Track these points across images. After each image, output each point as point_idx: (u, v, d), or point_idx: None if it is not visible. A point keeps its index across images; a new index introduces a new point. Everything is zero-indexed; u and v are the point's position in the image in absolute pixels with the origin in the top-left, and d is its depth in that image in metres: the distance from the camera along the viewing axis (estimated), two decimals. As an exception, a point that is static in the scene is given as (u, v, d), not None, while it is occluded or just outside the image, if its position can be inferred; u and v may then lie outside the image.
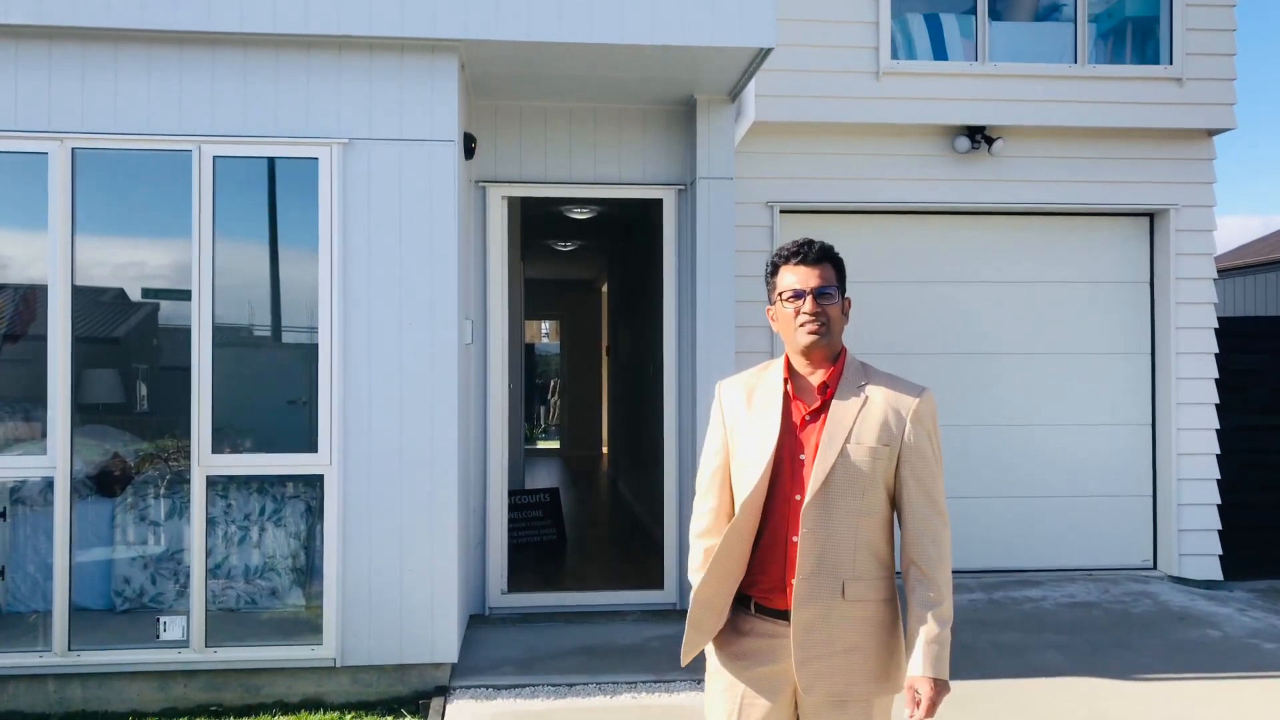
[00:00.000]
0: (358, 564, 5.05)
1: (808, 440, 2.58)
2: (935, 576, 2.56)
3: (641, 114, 6.34)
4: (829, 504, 2.52)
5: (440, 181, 5.13)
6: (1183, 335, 7.55)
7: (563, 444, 17.40)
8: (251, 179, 5.17)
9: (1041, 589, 7.13)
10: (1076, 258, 7.77)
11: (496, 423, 6.32)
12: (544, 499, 8.41)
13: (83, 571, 5.09)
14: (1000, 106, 7.30)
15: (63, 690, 4.98)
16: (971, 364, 7.68)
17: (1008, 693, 5.07)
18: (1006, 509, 7.64)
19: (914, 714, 2.52)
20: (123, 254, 5.24)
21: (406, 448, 5.08)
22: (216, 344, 5.01)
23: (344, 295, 5.06)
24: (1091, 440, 7.72)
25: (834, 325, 2.61)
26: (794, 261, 2.63)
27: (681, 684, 5.02)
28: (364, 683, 5.11)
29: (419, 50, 5.11)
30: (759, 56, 5.41)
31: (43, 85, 4.94)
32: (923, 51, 7.40)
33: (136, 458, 5.28)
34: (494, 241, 6.32)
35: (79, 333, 5.01)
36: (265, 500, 5.28)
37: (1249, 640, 5.97)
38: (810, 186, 7.39)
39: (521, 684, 5.08)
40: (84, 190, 4.98)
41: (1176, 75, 7.38)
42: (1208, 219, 7.59)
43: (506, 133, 6.30)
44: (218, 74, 5.02)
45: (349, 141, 5.07)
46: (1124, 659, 5.60)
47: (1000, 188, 7.51)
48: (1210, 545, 7.48)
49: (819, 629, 2.52)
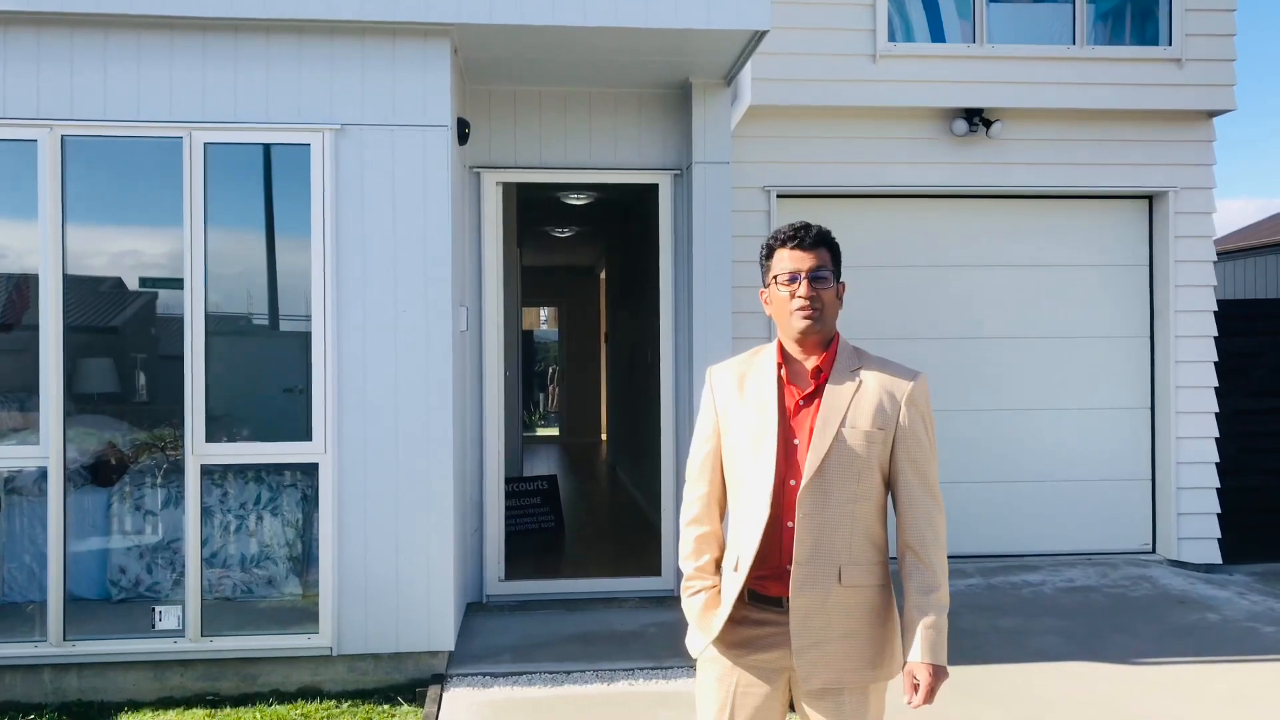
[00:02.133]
0: (354, 552, 5.03)
1: (801, 425, 2.55)
2: (931, 561, 2.54)
3: (637, 98, 6.29)
4: (824, 489, 2.50)
5: (434, 167, 5.09)
6: (1182, 318, 7.52)
7: (562, 431, 17.40)
8: (244, 166, 5.13)
9: (1040, 574, 7.12)
10: (1075, 241, 7.73)
11: (493, 409, 6.30)
12: (542, 486, 8.40)
13: (78, 561, 5.08)
14: (998, 89, 7.25)
15: (59, 680, 4.97)
16: (969, 348, 7.65)
17: (1007, 677, 5.06)
18: (1005, 494, 7.63)
19: (912, 700, 2.50)
20: (116, 243, 5.21)
21: (402, 435, 5.06)
22: (210, 333, 4.98)
23: (337, 282, 5.03)
24: (1090, 424, 7.70)
25: (828, 310, 2.58)
26: (790, 245, 2.60)
27: (679, 671, 5.01)
28: (360, 671, 5.10)
29: (411, 34, 5.07)
30: (754, 39, 5.37)
31: (31, 72, 4.89)
32: (920, 33, 7.35)
33: (132, 447, 5.26)
34: (489, 227, 6.28)
35: (74, 322, 4.98)
36: (261, 489, 5.26)
37: (1248, 624, 5.96)
38: (807, 171, 7.35)
39: (518, 671, 5.07)
40: (75, 178, 4.94)
41: (1176, 56, 7.33)
42: (1207, 201, 7.55)
43: (501, 118, 6.26)
44: (208, 60, 4.97)
45: (341, 127, 5.03)
46: (1123, 643, 5.59)
47: (998, 171, 7.47)
48: (1209, 529, 7.46)
49: (816, 615, 2.50)
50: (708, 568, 2.69)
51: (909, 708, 2.54)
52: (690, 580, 2.70)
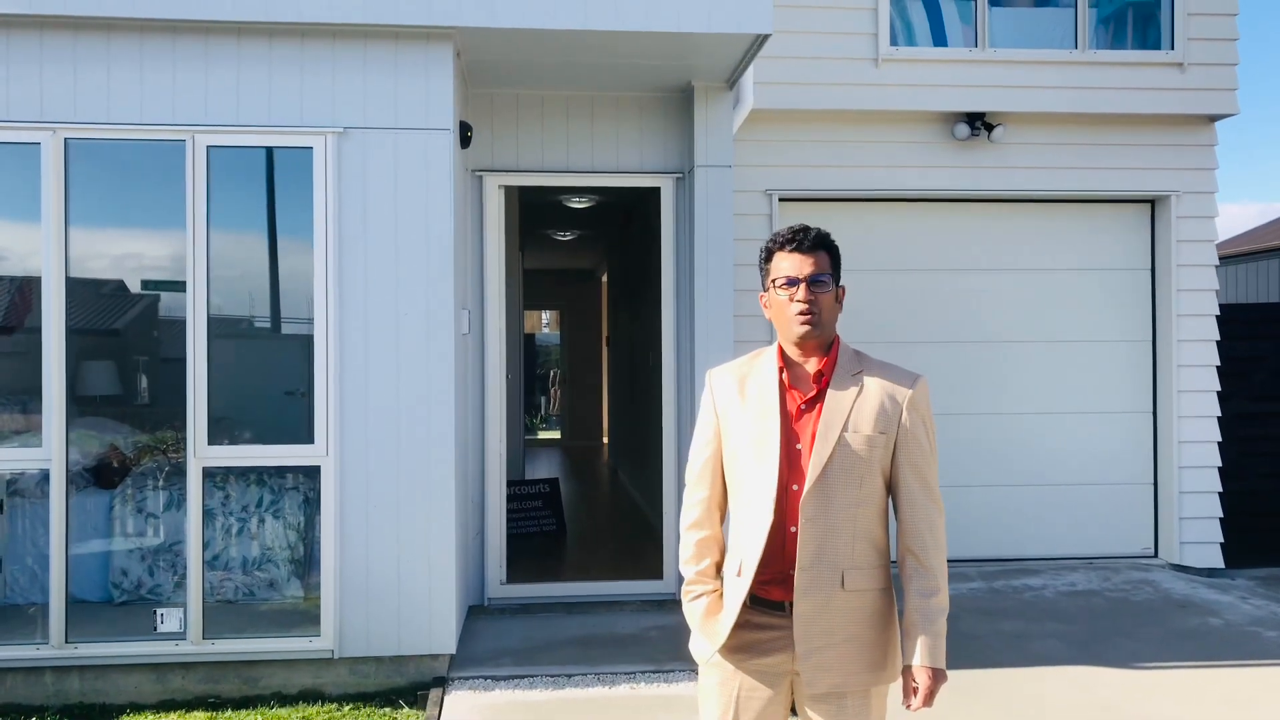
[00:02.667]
0: (355, 555, 5.04)
1: (803, 429, 2.55)
2: (931, 565, 2.54)
3: (639, 102, 6.30)
4: (827, 493, 2.50)
5: (436, 170, 5.10)
6: (1184, 322, 7.52)
7: (564, 434, 17.39)
8: (246, 169, 5.14)
9: (1042, 578, 7.11)
10: (1077, 245, 7.73)
11: (494, 412, 6.30)
12: (543, 489, 8.40)
13: (80, 564, 5.08)
14: (1000, 93, 7.26)
15: (60, 682, 4.97)
16: (972, 352, 7.65)
17: (1008, 681, 5.06)
18: (1007, 497, 7.62)
19: (911, 703, 2.50)
20: (119, 245, 5.22)
21: (404, 438, 5.06)
22: (212, 335, 4.99)
23: (339, 285, 5.04)
24: (1092, 428, 7.70)
25: (827, 314, 2.57)
26: (789, 248, 2.59)
27: (680, 674, 5.01)
28: (362, 674, 5.10)
29: (414, 38, 5.07)
30: (756, 43, 5.37)
31: (34, 75, 4.91)
32: (922, 38, 7.35)
33: (134, 450, 5.27)
34: (491, 231, 6.29)
35: (77, 325, 4.99)
36: (263, 492, 5.26)
37: (1250, 628, 5.95)
38: (809, 174, 7.35)
39: (520, 675, 5.07)
40: (78, 181, 4.95)
41: (1178, 60, 7.33)
42: (1209, 205, 7.55)
43: (503, 121, 6.27)
44: (211, 63, 4.98)
45: (344, 130, 5.04)
46: (1125, 647, 5.58)
47: (1000, 175, 7.47)
48: (1212, 533, 7.46)
49: (820, 620, 2.50)
50: (708, 572, 2.69)
51: (908, 711, 2.54)
52: (691, 585, 2.70)
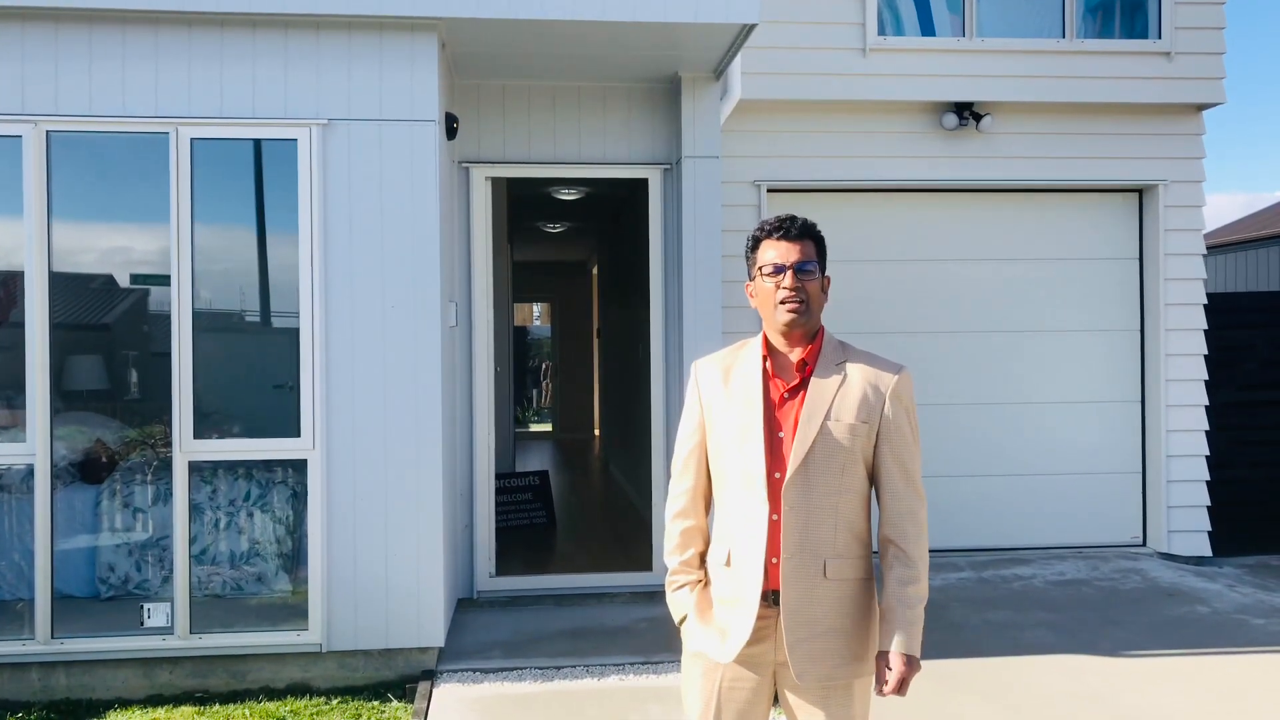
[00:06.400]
0: (343, 548, 5.02)
1: (786, 418, 2.55)
2: (912, 554, 2.54)
3: (626, 92, 6.28)
4: (809, 481, 2.50)
5: (421, 162, 5.08)
6: (1172, 311, 7.54)
7: (555, 426, 17.38)
8: (231, 161, 5.10)
9: (1031, 567, 7.13)
10: (1065, 235, 7.74)
11: (483, 405, 6.29)
12: (533, 482, 8.39)
13: (67, 559, 5.06)
14: (988, 83, 7.26)
15: (47, 679, 4.95)
16: (959, 342, 7.65)
17: (997, 670, 5.06)
18: (995, 487, 7.64)
19: (883, 690, 2.50)
20: (103, 239, 5.18)
21: (391, 431, 5.05)
22: (197, 329, 4.96)
23: (325, 278, 5.01)
24: (1080, 417, 7.71)
25: (813, 302, 2.57)
26: (775, 236, 2.59)
27: (669, 665, 5.00)
28: (350, 668, 5.09)
29: (398, 29, 5.05)
30: (743, 33, 5.35)
31: (15, 67, 4.86)
32: (910, 27, 7.34)
33: (121, 444, 5.24)
34: (478, 223, 6.26)
35: (62, 319, 4.96)
36: (250, 486, 5.24)
37: (1237, 616, 5.98)
38: (797, 165, 7.34)
39: (509, 667, 5.07)
40: (60, 174, 4.92)
41: (1165, 49, 7.34)
42: (1197, 195, 7.56)
43: (489, 113, 6.24)
44: (194, 55, 4.95)
45: (328, 122, 5.01)
46: (1113, 636, 5.60)
47: (988, 165, 7.47)
48: (1199, 522, 7.49)
49: (804, 609, 2.50)
50: (692, 562, 2.69)
51: (880, 697, 2.54)
52: (675, 574, 2.70)
